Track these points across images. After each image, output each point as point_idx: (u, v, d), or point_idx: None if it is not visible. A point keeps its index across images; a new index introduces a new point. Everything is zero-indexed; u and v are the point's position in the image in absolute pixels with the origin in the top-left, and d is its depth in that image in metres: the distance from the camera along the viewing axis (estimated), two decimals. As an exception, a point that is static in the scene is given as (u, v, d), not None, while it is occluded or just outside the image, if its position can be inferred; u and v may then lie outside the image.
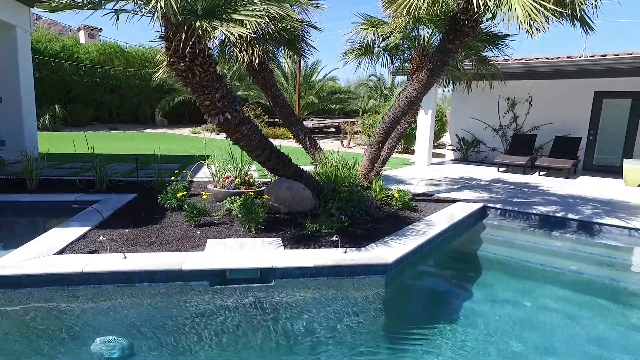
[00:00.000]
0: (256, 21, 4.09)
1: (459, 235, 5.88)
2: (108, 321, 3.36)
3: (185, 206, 5.13)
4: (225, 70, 23.96)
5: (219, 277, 3.85)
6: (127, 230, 4.80)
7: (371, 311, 3.74)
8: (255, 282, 3.88)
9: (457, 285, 4.75)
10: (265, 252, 4.24)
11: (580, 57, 9.58)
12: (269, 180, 6.70)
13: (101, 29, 31.50)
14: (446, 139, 14.36)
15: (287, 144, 15.47)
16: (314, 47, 7.59)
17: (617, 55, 9.13)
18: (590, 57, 9.50)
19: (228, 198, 5.58)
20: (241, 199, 5.12)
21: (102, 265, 3.77)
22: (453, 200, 7.02)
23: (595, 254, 5.59)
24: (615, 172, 10.29)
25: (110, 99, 24.53)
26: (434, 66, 5.87)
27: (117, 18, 3.84)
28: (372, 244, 4.58)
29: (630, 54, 8.96)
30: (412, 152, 13.26)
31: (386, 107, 13.91)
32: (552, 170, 10.59)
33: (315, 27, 7.27)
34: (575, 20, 5.05)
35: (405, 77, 8.18)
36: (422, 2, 4.91)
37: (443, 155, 14.11)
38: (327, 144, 17.04)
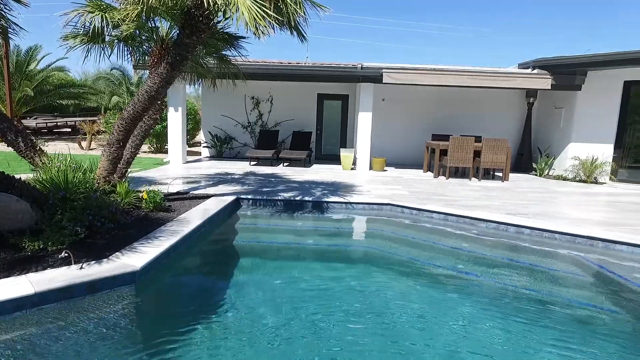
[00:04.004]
0: None
1: (216, 228, 6.01)
2: None
3: None
4: None
5: None
6: None
7: (121, 326, 3.33)
8: (-61, 336, 2.82)
9: (215, 278, 4.83)
10: (-46, 292, 3.13)
11: (304, 64, 11.36)
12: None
13: None
14: (201, 136, 14.40)
15: (-5, 149, 12.01)
16: (19, 27, 6.06)
17: (331, 65, 11.30)
18: (312, 64, 11.40)
19: None
20: None
21: None
22: (208, 196, 7.10)
23: (326, 227, 6.82)
24: (337, 159, 12.78)
25: None
26: (173, 60, 5.70)
27: None
28: (117, 253, 4.09)
29: (339, 65, 11.26)
30: (167, 152, 12.67)
31: (132, 104, 12.64)
32: (293, 161, 12.23)
33: (18, 1, 5.81)
34: (293, 30, 5.91)
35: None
36: (151, -10, 4.65)
37: (199, 153, 14.09)
38: (61, 147, 14.18)
